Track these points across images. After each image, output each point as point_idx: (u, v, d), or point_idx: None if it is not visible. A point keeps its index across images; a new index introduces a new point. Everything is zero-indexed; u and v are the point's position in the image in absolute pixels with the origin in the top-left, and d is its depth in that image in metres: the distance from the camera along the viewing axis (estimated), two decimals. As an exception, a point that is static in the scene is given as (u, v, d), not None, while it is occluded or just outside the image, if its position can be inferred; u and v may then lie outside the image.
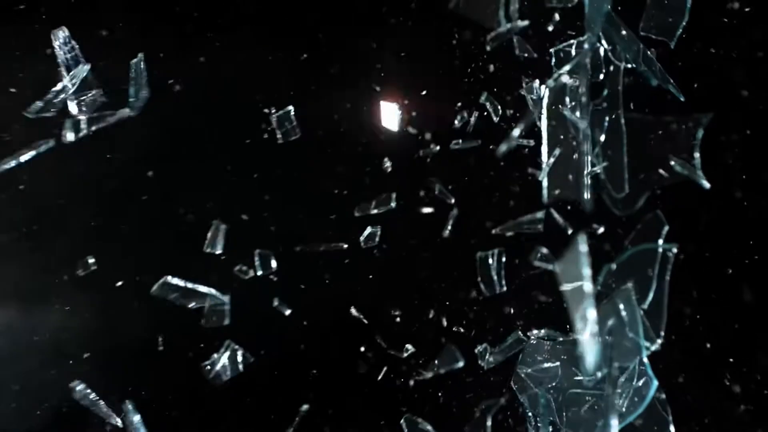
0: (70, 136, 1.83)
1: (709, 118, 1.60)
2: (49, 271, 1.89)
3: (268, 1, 1.96)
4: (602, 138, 1.67)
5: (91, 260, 1.87)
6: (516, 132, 1.82)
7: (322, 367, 1.96)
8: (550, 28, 1.83)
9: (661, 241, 1.64)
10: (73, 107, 1.83)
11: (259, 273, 1.91)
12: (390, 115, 1.94)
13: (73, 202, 1.90)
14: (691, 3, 1.64)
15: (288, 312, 1.91)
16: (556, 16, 1.80)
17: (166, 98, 1.88)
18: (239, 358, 1.88)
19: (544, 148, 1.68)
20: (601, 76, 1.75)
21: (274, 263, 1.92)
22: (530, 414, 1.87)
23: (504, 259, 1.91)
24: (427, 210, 1.95)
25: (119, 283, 1.88)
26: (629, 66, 1.72)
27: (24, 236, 1.88)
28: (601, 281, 1.68)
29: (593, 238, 1.77)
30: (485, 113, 1.93)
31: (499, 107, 1.91)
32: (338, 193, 1.95)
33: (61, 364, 1.88)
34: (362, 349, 1.95)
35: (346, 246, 1.93)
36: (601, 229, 1.78)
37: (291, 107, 1.90)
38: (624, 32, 1.69)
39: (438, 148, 1.94)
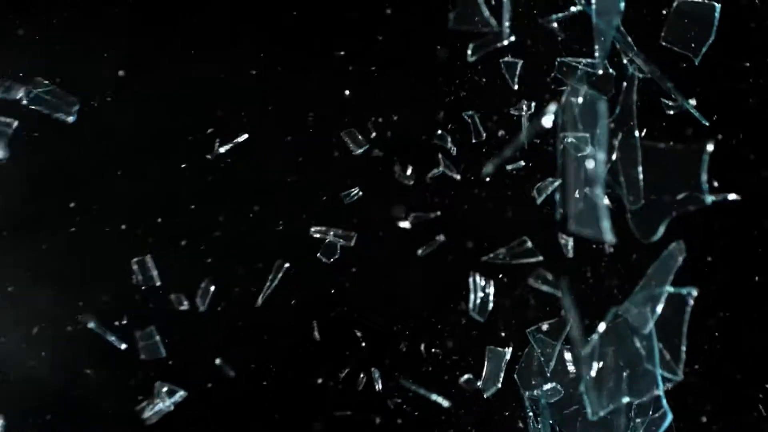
0: None
1: (713, 144, 1.55)
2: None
3: (229, 13, 1.86)
4: (614, 156, 1.62)
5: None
6: (504, 153, 1.77)
7: (284, 396, 1.87)
8: (550, 41, 1.78)
9: (673, 271, 1.59)
10: None
11: (201, 309, 1.81)
12: (361, 136, 1.85)
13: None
14: (720, 20, 1.60)
15: (232, 374, 1.82)
16: (555, 25, 1.75)
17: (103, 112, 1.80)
18: (171, 396, 1.78)
19: (558, 170, 1.63)
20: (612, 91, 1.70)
21: (206, 301, 1.81)
22: (531, 413, 1.81)
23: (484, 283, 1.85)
24: (404, 225, 1.86)
25: (38, 327, 1.80)
26: (641, 76, 1.68)
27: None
28: (607, 324, 1.62)
29: (604, 261, 1.75)
30: (462, 135, 1.86)
31: (481, 129, 1.85)
32: (300, 216, 1.86)
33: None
34: (320, 380, 1.87)
35: (288, 265, 1.83)
36: (611, 249, 1.73)
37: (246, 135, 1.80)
38: (635, 49, 1.65)
39: (413, 180, 1.86)
